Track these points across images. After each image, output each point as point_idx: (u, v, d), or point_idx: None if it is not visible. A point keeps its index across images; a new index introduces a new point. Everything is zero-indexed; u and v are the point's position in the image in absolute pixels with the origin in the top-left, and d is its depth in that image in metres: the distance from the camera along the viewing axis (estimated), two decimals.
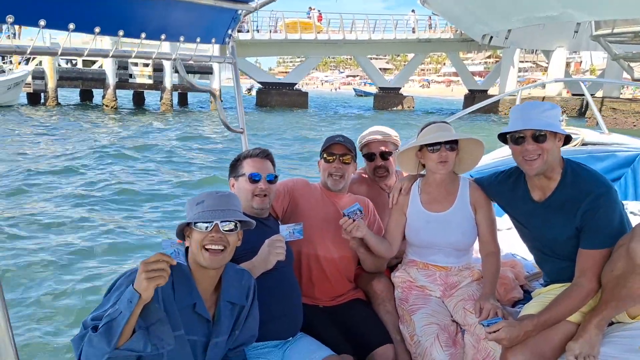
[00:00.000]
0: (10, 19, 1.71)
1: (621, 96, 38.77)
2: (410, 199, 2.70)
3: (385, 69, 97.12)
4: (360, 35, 40.67)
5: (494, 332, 2.15)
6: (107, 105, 32.55)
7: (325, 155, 2.75)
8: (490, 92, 46.59)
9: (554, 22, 29.01)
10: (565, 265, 2.30)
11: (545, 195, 2.32)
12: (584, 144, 4.65)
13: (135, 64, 33.64)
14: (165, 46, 2.58)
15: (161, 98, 34.23)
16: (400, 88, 46.88)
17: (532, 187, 2.36)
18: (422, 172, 2.74)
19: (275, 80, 43.98)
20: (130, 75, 33.56)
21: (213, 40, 2.92)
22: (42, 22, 1.83)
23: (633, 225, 2.21)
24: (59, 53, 2.19)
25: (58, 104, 31.43)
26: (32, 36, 2.08)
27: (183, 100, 39.60)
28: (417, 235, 2.68)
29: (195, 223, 1.90)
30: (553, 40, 38.66)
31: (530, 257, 3.33)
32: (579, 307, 2.18)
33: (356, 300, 2.77)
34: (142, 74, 33.62)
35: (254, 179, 2.47)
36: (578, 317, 2.19)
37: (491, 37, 39.79)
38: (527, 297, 2.86)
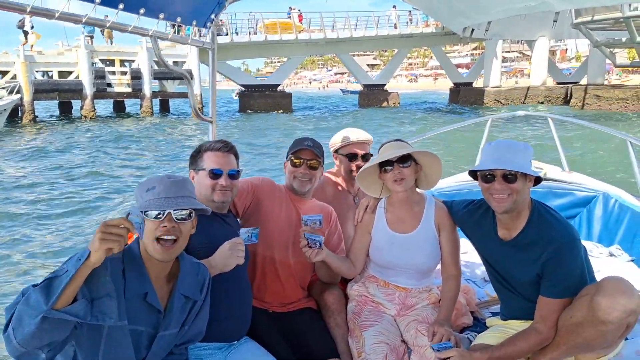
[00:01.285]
0: None
1: (605, 83, 38.63)
2: (376, 218, 2.67)
3: (373, 65, 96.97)
4: (341, 33, 40.26)
5: (446, 359, 2.17)
6: (85, 116, 31.92)
7: (292, 159, 2.69)
8: (475, 84, 46.36)
9: (533, 12, 28.89)
10: (525, 305, 2.32)
11: (511, 235, 2.32)
12: (545, 179, 4.64)
13: (113, 73, 33.02)
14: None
15: (141, 106, 33.65)
16: (384, 85, 46.49)
17: (500, 224, 2.36)
18: (386, 195, 2.70)
19: (257, 82, 43.43)
20: (109, 84, 32.88)
21: (194, 23, 2.82)
22: None
23: (592, 268, 2.29)
24: (56, 16, 2.03)
25: (34, 118, 30.71)
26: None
27: (164, 107, 38.98)
28: (381, 255, 2.64)
29: (145, 211, 1.77)
30: (535, 30, 38.55)
31: (483, 285, 3.41)
32: (534, 350, 2.21)
33: (307, 309, 2.72)
34: (120, 83, 32.95)
35: (215, 173, 2.37)
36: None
37: (472, 30, 39.85)
38: (476, 324, 2.88)
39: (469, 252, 2.69)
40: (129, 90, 33.18)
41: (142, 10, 2.37)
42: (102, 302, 1.68)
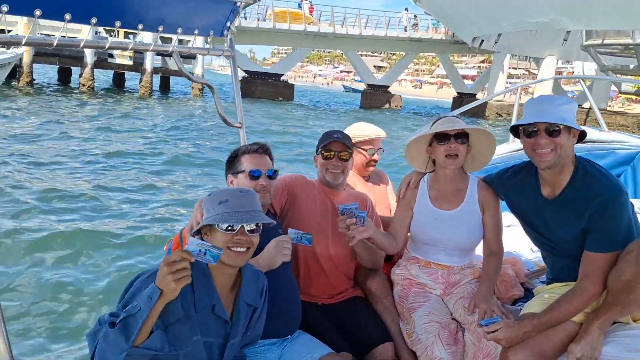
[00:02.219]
0: (5, 8, 1.69)
1: (608, 108, 38.57)
2: (419, 194, 2.65)
3: (379, 67, 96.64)
4: (351, 29, 39.98)
5: (493, 332, 2.12)
6: (83, 85, 31.51)
7: (323, 152, 2.71)
8: (478, 96, 46.16)
9: (545, 28, 28.70)
10: (569, 264, 2.28)
11: (555, 192, 2.28)
12: (583, 142, 4.36)
13: None
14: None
15: (140, 80, 33.26)
16: (388, 86, 46.27)
17: (543, 182, 2.31)
18: (430, 171, 2.68)
19: (261, 69, 43.12)
20: (110, 55, 32.50)
21: (211, 33, 2.88)
22: (37, 12, 1.82)
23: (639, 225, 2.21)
24: (55, 44, 2.08)
25: (32, 81, 30.26)
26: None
27: (165, 85, 38.59)
28: (423, 232, 2.63)
29: (218, 225, 1.84)
30: (544, 47, 38.34)
31: (530, 255, 3.37)
32: (581, 309, 2.16)
33: (355, 297, 2.73)
34: (122, 55, 32.59)
35: (254, 175, 2.42)
36: (580, 316, 2.18)
37: (482, 41, 39.67)
38: (527, 295, 2.84)
39: (513, 225, 2.66)
40: (130, 63, 32.85)
41: (160, 28, 2.45)
42: (174, 328, 1.76)
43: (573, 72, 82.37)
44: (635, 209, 3.87)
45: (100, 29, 32.69)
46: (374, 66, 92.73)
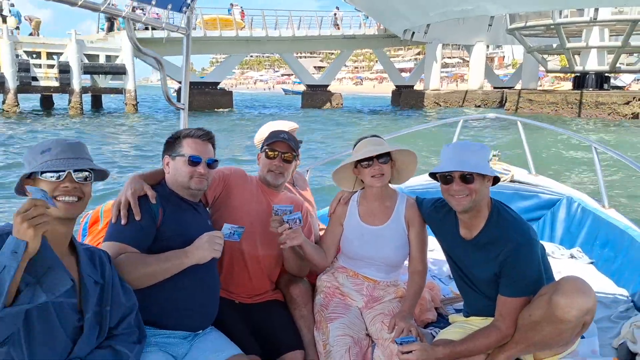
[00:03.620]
0: None
1: (539, 88, 40.11)
2: (349, 210, 2.73)
3: (320, 67, 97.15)
4: (284, 32, 39.82)
5: (407, 352, 2.20)
6: (7, 111, 29.81)
7: (267, 151, 2.66)
8: (416, 87, 47.11)
9: (470, 15, 29.59)
10: (487, 303, 2.37)
11: (472, 234, 2.37)
12: (512, 181, 4.89)
13: (39, 66, 31.04)
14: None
15: (69, 101, 31.81)
16: (328, 85, 46.43)
17: (461, 224, 2.42)
18: (359, 189, 2.77)
19: (198, 79, 42.22)
20: (34, 78, 30.85)
21: (169, 7, 2.78)
22: None
23: (551, 268, 2.36)
24: None
25: None
26: None
27: (97, 103, 37.08)
28: (351, 247, 2.70)
29: (42, 173, 1.73)
30: (472, 35, 39.60)
31: (448, 282, 3.45)
32: (493, 347, 2.27)
33: (274, 301, 2.71)
34: (46, 76, 31.00)
35: (193, 161, 2.32)
36: None
37: (413, 33, 40.35)
38: (440, 320, 2.94)
39: (436, 250, 2.75)
40: (57, 84, 31.25)
41: None
42: (47, 277, 1.64)
43: (503, 57, 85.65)
44: (548, 252, 4.10)
45: (21, 51, 31.12)
46: (314, 67, 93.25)
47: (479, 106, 39.25)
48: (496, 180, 2.35)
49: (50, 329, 1.69)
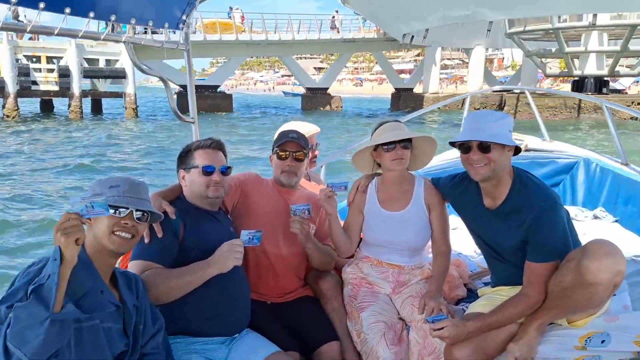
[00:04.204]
0: None
1: (537, 91, 40.05)
2: (367, 198, 2.72)
3: (320, 69, 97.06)
4: (284, 35, 39.87)
5: (439, 329, 2.22)
6: (7, 116, 29.86)
7: (278, 152, 2.70)
8: (415, 90, 47.12)
9: (469, 20, 29.61)
10: (513, 271, 2.36)
11: (495, 203, 2.36)
12: (527, 150, 4.80)
13: (39, 70, 31.11)
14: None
15: (69, 106, 31.86)
16: (327, 88, 46.45)
17: (484, 193, 2.40)
18: (378, 172, 2.76)
19: (197, 82, 42.24)
20: (34, 82, 30.92)
21: (166, 26, 2.85)
22: None
23: (575, 232, 2.35)
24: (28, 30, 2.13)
25: None
26: None
27: (96, 108, 37.11)
28: (373, 234, 2.70)
29: (105, 214, 1.79)
30: (471, 38, 39.60)
31: (474, 257, 3.47)
32: (524, 315, 2.26)
33: (304, 297, 2.75)
34: (46, 80, 31.09)
35: (207, 170, 2.39)
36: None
37: (412, 37, 40.30)
38: (470, 295, 2.94)
39: (459, 228, 2.74)
40: (56, 88, 31.35)
41: (112, 17, 2.40)
42: (85, 300, 1.71)
43: (503, 58, 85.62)
44: (571, 216, 4.06)
45: (21, 55, 31.16)
46: (314, 68, 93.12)
47: (478, 109, 39.21)
48: (517, 150, 2.34)
49: (100, 352, 1.76)
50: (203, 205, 2.43)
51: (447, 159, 4.57)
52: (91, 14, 2.27)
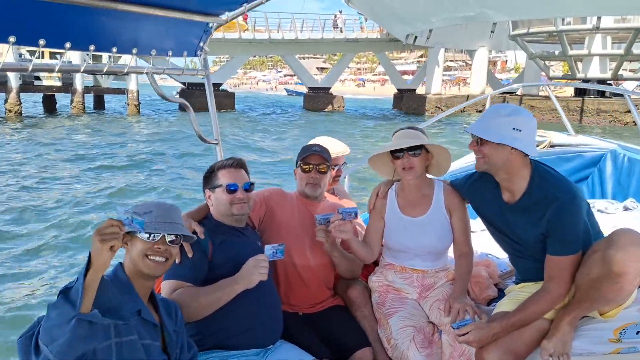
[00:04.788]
0: None
1: (540, 94, 40.08)
2: (388, 204, 2.73)
3: (323, 68, 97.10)
4: (287, 34, 39.87)
5: (464, 334, 2.23)
6: (10, 111, 29.91)
7: (302, 165, 2.78)
8: (418, 91, 47.09)
9: (472, 22, 29.57)
10: (535, 266, 2.35)
11: (514, 197, 2.35)
12: (552, 146, 4.79)
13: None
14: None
15: (72, 101, 31.91)
16: (329, 88, 46.45)
17: (502, 188, 2.40)
18: (398, 178, 2.77)
19: (199, 80, 42.22)
20: (37, 77, 31.01)
21: (185, 54, 2.94)
22: (11, 39, 1.87)
23: (599, 224, 2.36)
24: (30, 69, 2.19)
25: None
26: None
27: (99, 104, 37.16)
28: (395, 240, 2.71)
29: (140, 232, 1.91)
30: (474, 40, 39.56)
31: (503, 256, 3.36)
32: (548, 310, 2.25)
33: (335, 306, 2.79)
34: (49, 76, 31.17)
35: (230, 189, 2.47)
36: (551, 313, 2.27)
37: (415, 37, 40.28)
38: (501, 294, 2.89)
39: (485, 230, 2.72)
40: (59, 84, 31.46)
41: (134, 51, 2.50)
42: (110, 313, 1.76)
43: (506, 61, 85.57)
44: (601, 209, 4.08)
45: (24, 50, 31.16)
46: (317, 68, 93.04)
47: (480, 111, 39.16)
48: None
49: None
50: (230, 222, 2.50)
51: (470, 161, 4.48)
52: (114, 49, 2.37)
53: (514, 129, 2.23)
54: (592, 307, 2.22)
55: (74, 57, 30.82)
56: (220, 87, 41.52)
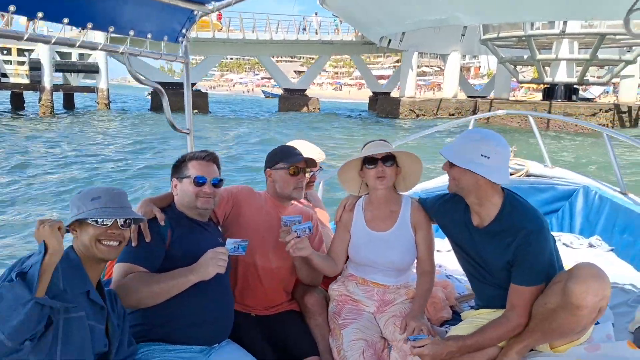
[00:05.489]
0: None
1: (511, 98, 40.82)
2: (354, 216, 2.74)
3: (300, 72, 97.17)
4: (261, 35, 39.82)
5: (420, 347, 2.25)
6: None
7: (290, 169, 2.73)
8: (392, 94, 47.51)
9: (444, 25, 29.99)
10: (497, 294, 2.37)
11: (483, 222, 2.37)
12: (528, 175, 4.88)
13: (9, 62, 30.48)
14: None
15: (40, 99, 31.27)
16: (305, 90, 46.52)
17: (472, 211, 2.41)
18: (364, 193, 2.77)
19: (172, 80, 41.73)
20: (3, 74, 30.31)
21: (165, 39, 2.89)
22: (11, 8, 1.91)
23: (562, 257, 2.38)
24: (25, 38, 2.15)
25: None
26: None
27: (69, 102, 36.49)
28: (359, 253, 2.71)
29: (94, 219, 1.96)
30: (447, 44, 40.12)
31: (463, 279, 3.43)
32: (505, 338, 2.26)
33: (290, 311, 2.77)
34: (16, 73, 30.49)
35: (198, 182, 2.43)
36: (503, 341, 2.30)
37: (390, 40, 40.67)
38: (455, 317, 2.94)
39: (451, 251, 2.73)
40: (27, 81, 30.79)
41: (111, 29, 2.44)
42: (70, 295, 1.82)
43: (479, 67, 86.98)
44: (566, 243, 4.23)
45: None
46: (294, 71, 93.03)
47: (453, 114, 39.74)
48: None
49: (85, 345, 1.87)
50: (192, 215, 2.46)
51: (444, 181, 4.56)
52: (89, 25, 2.30)
53: (481, 155, 2.24)
54: (545, 339, 2.23)
55: (43, 54, 30.26)
56: (195, 88, 41.14)
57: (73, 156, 16.41)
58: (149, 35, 2.73)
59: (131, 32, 2.58)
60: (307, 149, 3.28)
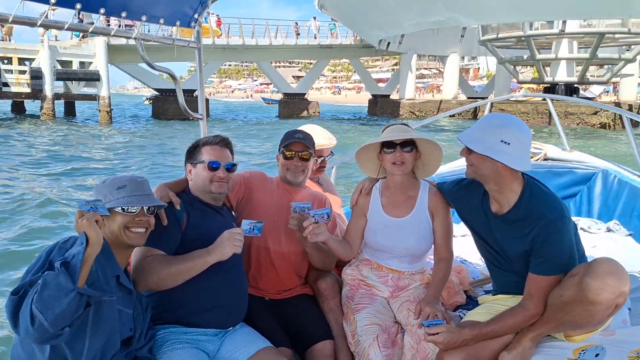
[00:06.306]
0: None
1: (511, 98, 40.82)
2: (371, 201, 2.68)
3: (298, 77, 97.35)
4: (260, 40, 39.91)
5: (434, 334, 2.20)
6: None
7: (284, 151, 2.75)
8: (392, 97, 47.57)
9: (443, 26, 30.05)
10: (515, 279, 2.34)
11: (502, 209, 2.31)
12: (545, 159, 4.80)
13: (10, 71, 30.52)
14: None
15: (41, 108, 31.31)
16: (305, 94, 46.58)
17: (491, 198, 2.36)
18: (382, 177, 2.71)
19: (171, 86, 41.89)
20: (5, 84, 30.33)
21: (177, 23, 2.86)
22: None
23: (583, 245, 2.32)
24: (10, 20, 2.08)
25: None
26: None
27: (70, 110, 36.53)
28: (374, 238, 2.67)
29: (122, 207, 2.01)
30: (446, 46, 40.27)
31: (477, 264, 3.40)
32: (522, 327, 2.23)
33: (303, 295, 2.78)
34: (17, 82, 30.52)
35: (212, 166, 2.45)
36: None
37: (388, 43, 40.70)
38: (469, 302, 2.91)
39: (468, 235, 2.71)
40: (28, 90, 30.82)
41: (123, 14, 2.42)
42: (103, 281, 1.88)
43: (479, 68, 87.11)
44: (584, 227, 4.09)
45: None
46: (293, 76, 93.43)
47: (453, 116, 39.82)
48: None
49: (114, 328, 1.94)
50: (206, 199, 2.48)
51: (462, 165, 4.52)
52: (102, 10, 2.28)
53: (502, 141, 2.16)
54: (558, 329, 2.21)
55: (44, 63, 30.31)
56: (194, 94, 41.19)
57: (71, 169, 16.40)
58: (162, 21, 2.70)
59: (143, 18, 2.56)
60: (315, 133, 3.25)
